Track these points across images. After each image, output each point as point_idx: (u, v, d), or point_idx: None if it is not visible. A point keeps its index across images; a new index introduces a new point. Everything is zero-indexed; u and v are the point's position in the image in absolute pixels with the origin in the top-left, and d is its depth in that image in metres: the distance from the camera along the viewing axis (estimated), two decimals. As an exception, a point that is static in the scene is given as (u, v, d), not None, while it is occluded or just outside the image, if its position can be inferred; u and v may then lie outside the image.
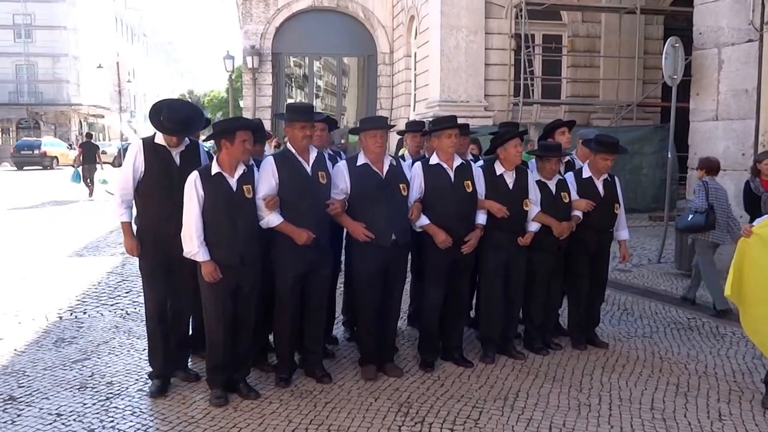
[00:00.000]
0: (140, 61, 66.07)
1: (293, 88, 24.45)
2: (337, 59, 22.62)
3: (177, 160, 4.27)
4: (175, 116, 4.18)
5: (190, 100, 4.51)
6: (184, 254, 4.04)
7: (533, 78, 14.54)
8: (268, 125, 16.96)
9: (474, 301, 5.46)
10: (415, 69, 17.75)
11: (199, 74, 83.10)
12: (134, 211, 4.36)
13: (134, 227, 4.32)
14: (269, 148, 8.33)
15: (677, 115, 9.15)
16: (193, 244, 3.98)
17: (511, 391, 4.38)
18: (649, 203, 12.87)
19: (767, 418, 4.02)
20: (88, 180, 17.83)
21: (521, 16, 13.95)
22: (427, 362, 4.79)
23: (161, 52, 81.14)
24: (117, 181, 4.37)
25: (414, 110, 17.42)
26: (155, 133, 4.31)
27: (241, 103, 21.07)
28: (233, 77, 23.67)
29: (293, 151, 4.32)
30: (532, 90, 14.57)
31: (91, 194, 17.71)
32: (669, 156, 9.49)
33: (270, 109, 18.95)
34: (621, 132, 13.00)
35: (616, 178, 5.38)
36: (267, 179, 4.21)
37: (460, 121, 5.03)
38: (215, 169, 4.04)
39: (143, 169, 4.21)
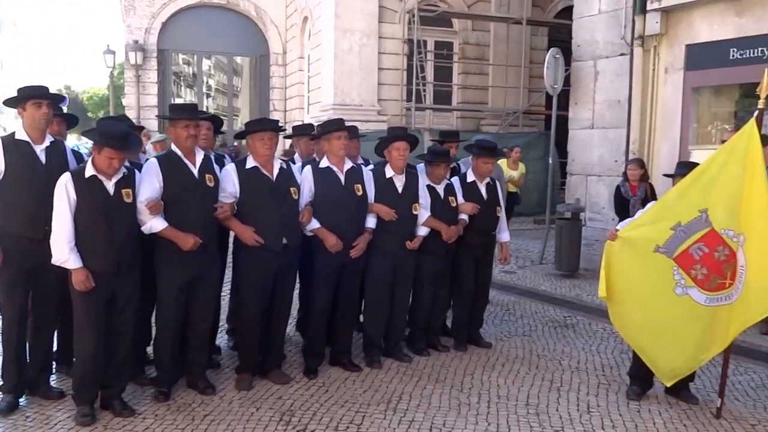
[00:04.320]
0: (9, 53, 61.34)
1: (182, 87, 23.55)
2: (228, 58, 22.01)
3: (42, 157, 3.99)
4: None
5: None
6: (53, 261, 3.75)
7: (425, 84, 14.84)
8: (154, 125, 16.24)
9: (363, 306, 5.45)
10: (308, 71, 17.61)
11: (78, 69, 77.94)
12: None
13: None
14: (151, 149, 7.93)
15: (559, 123, 9.61)
16: (63, 250, 3.71)
17: (394, 394, 4.40)
18: (534, 207, 13.42)
19: (631, 409, 4.28)
20: None
21: (414, 21, 14.20)
22: (311, 369, 4.73)
23: (35, 43, 75.54)
24: None
25: (308, 113, 17.28)
26: (14, 131, 4.03)
27: (124, 102, 19.94)
28: (115, 74, 22.43)
29: (178, 152, 4.13)
30: (425, 95, 14.86)
31: None
32: (550, 162, 9.95)
33: (156, 108, 18.11)
34: (508, 138, 13.51)
35: (497, 182, 5.56)
36: (150, 182, 4.01)
37: (353, 125, 5.03)
38: (90, 171, 3.77)
39: (3, 167, 3.89)
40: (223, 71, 26.92)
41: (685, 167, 4.54)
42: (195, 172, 4.14)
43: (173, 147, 4.19)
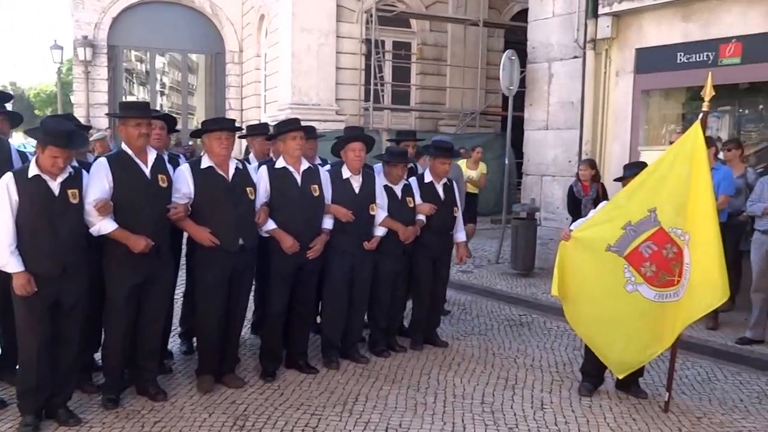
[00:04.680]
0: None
1: (134, 85, 23.04)
2: (182, 55, 21.58)
3: None
4: None
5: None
6: None
7: (383, 84, 14.84)
8: (104, 124, 15.81)
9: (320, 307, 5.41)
10: (265, 70, 17.42)
11: (24, 64, 75.13)
12: None
13: None
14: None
15: (515, 124, 9.73)
16: (2, 254, 3.56)
17: (350, 396, 4.38)
18: (492, 207, 13.55)
19: (583, 405, 4.36)
20: None
21: (372, 21, 14.19)
22: (268, 371, 4.68)
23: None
24: None
25: (265, 112, 17.10)
26: None
27: (73, 99, 19.29)
28: (63, 70, 21.73)
29: (129, 152, 4.02)
30: (383, 95, 14.85)
31: None
32: (506, 162, 10.07)
33: (106, 106, 17.63)
34: (465, 139, 13.62)
35: (455, 183, 5.59)
36: (99, 182, 3.88)
37: (311, 124, 4.98)
38: (34, 170, 3.62)
39: None
40: (178, 69, 26.41)
41: (635, 167, 4.64)
42: (147, 172, 4.04)
43: (124, 146, 4.07)
